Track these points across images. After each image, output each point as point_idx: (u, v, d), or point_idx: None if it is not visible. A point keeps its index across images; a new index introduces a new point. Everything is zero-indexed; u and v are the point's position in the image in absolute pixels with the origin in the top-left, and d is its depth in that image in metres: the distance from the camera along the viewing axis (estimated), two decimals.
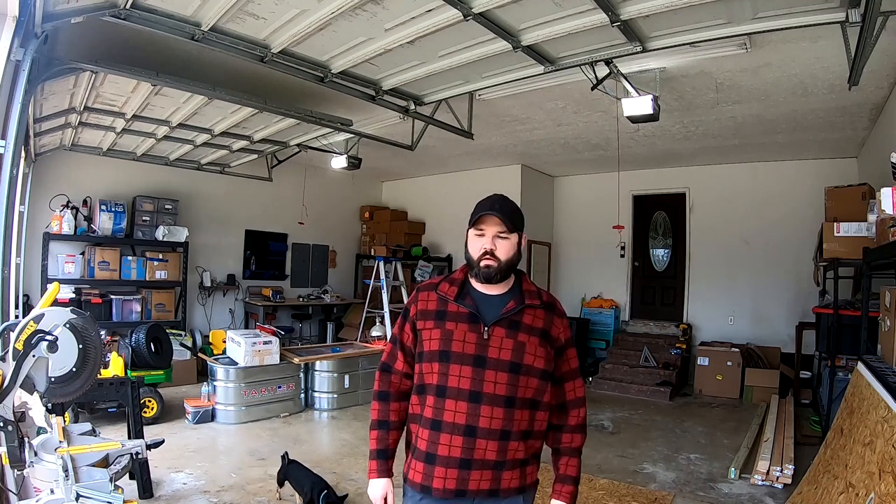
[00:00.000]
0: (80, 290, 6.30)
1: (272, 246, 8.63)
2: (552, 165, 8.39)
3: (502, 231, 1.55)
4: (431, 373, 1.52)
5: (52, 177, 6.29)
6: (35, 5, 2.78)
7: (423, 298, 1.63)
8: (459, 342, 1.51)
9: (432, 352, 1.53)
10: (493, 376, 1.49)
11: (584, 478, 4.00)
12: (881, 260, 3.44)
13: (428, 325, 1.57)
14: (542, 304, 1.60)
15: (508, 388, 1.49)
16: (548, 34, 3.42)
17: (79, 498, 1.90)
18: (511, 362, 1.50)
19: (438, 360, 1.51)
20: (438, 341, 1.53)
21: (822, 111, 5.17)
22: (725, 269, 7.61)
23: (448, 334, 1.52)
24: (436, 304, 1.59)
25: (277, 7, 3.18)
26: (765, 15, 3.11)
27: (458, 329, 1.52)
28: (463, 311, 1.55)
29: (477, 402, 1.48)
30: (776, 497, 3.75)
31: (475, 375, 1.49)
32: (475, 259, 1.56)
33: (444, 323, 1.54)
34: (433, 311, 1.58)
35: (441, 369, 1.50)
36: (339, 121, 5.42)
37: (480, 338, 1.51)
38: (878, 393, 2.77)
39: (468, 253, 1.59)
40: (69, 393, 2.01)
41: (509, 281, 1.62)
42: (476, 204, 1.59)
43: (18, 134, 2.97)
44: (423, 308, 1.60)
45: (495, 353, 1.50)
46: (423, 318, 1.59)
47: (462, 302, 1.56)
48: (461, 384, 1.49)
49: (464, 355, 1.50)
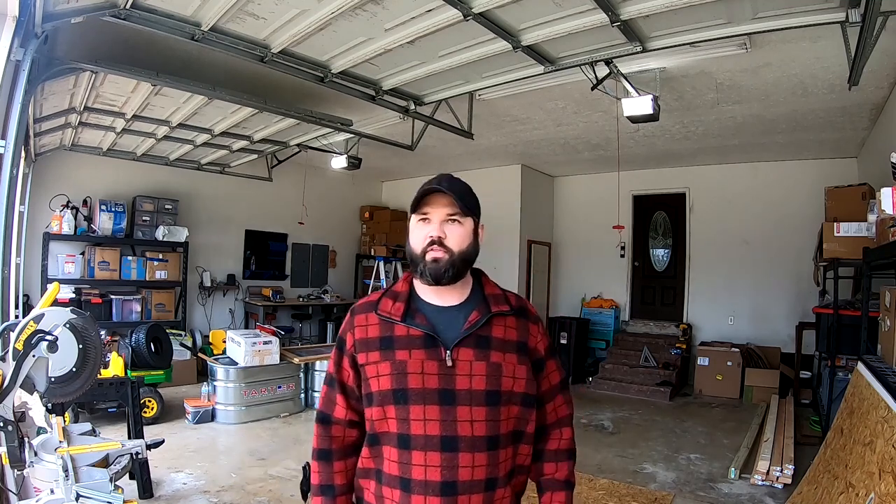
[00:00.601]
0: (80, 290, 6.30)
1: (272, 246, 8.63)
2: (552, 165, 8.39)
3: (453, 213, 1.22)
4: (386, 419, 1.17)
5: (52, 177, 6.29)
6: (35, 5, 2.78)
7: (361, 323, 1.25)
8: (417, 375, 1.16)
9: (383, 392, 1.17)
10: (467, 413, 1.15)
11: (584, 478, 4.03)
12: (881, 260, 3.44)
13: (372, 358, 1.20)
14: (513, 310, 1.27)
15: (489, 426, 1.16)
16: (548, 34, 3.42)
17: (79, 498, 1.90)
18: (487, 391, 1.17)
19: (394, 403, 1.16)
20: (389, 378, 1.17)
21: (822, 111, 5.17)
22: (725, 269, 7.61)
23: (400, 367, 1.17)
24: (378, 328, 1.23)
25: (277, 7, 3.18)
26: (765, 15, 3.12)
27: (413, 358, 1.17)
28: (415, 333, 1.19)
29: (453, 451, 1.14)
30: (776, 497, 3.75)
31: (444, 416, 1.14)
32: (419, 252, 1.22)
33: (392, 353, 1.19)
34: (376, 338, 1.22)
35: (399, 413, 1.15)
36: (339, 121, 5.42)
37: (443, 366, 1.17)
38: (878, 393, 2.77)
39: (410, 247, 1.25)
40: (69, 393, 2.01)
41: (466, 283, 1.28)
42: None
43: (18, 134, 2.97)
44: (363, 336, 1.23)
45: (465, 382, 1.16)
46: (365, 348, 1.22)
47: (412, 321, 1.20)
48: (428, 430, 1.14)
49: (425, 392, 1.15)
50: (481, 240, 1.30)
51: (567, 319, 7.97)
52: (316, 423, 1.32)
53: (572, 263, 9.04)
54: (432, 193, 1.22)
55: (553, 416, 1.37)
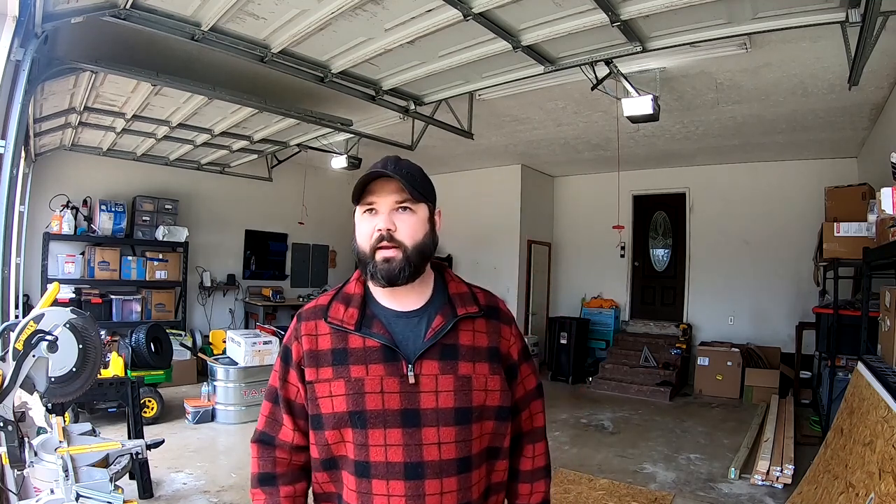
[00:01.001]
0: (80, 290, 6.30)
1: (272, 246, 8.63)
2: (552, 165, 8.39)
3: (402, 201, 1.05)
4: (341, 442, 1.03)
5: (52, 177, 6.29)
6: (35, 5, 2.78)
7: (310, 332, 1.08)
8: (376, 395, 1.01)
9: (338, 415, 1.02)
10: (434, 435, 1.01)
11: (584, 478, 4.03)
12: (881, 260, 3.44)
13: (323, 375, 1.04)
14: (482, 311, 1.12)
15: (459, 447, 1.03)
16: (548, 34, 3.42)
17: (79, 498, 1.90)
18: (456, 409, 1.03)
19: (350, 426, 1.01)
20: (345, 398, 1.01)
21: (822, 111, 5.17)
22: (725, 269, 7.61)
23: (357, 386, 1.02)
24: (329, 339, 1.06)
25: (277, 7, 3.18)
26: (765, 15, 3.12)
27: (371, 375, 1.02)
28: (372, 344, 1.04)
29: (418, 478, 1.00)
30: (776, 497, 3.75)
31: (408, 440, 1.01)
32: (367, 250, 1.05)
33: (346, 369, 1.03)
34: (327, 351, 1.05)
35: (357, 438, 1.01)
36: (339, 121, 5.42)
37: (405, 382, 1.02)
38: (878, 393, 2.77)
39: (357, 245, 1.08)
40: (69, 393, 2.01)
41: (427, 281, 1.12)
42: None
43: (18, 134, 2.97)
44: (311, 348, 1.06)
45: (431, 400, 1.02)
46: (314, 362, 1.05)
47: (368, 331, 1.05)
48: (389, 456, 1.00)
49: (386, 414, 1.01)
50: (439, 228, 1.13)
51: (567, 319, 7.97)
52: (254, 443, 1.12)
53: (572, 263, 9.04)
54: (376, 179, 1.05)
55: (528, 424, 1.21)
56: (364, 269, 1.07)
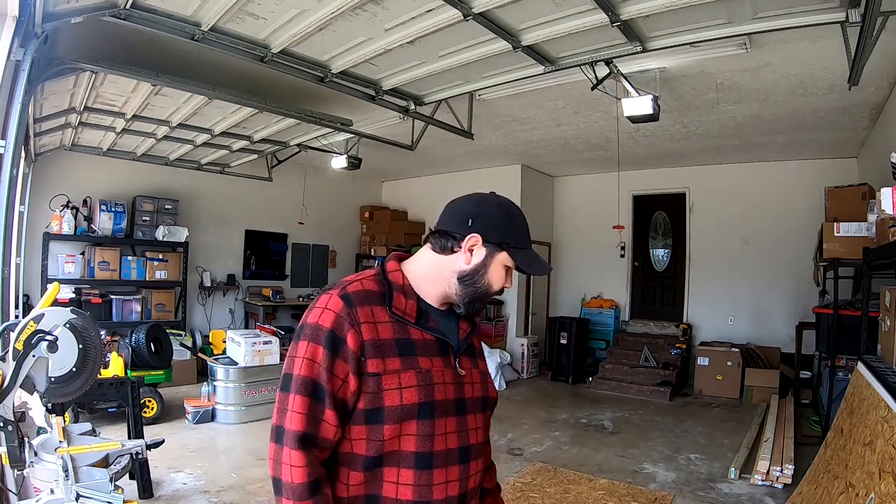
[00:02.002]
0: (80, 290, 6.29)
1: (272, 246, 8.63)
2: (552, 165, 8.40)
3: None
4: (400, 436, 1.02)
5: (52, 177, 6.29)
6: (35, 5, 2.78)
7: (367, 319, 1.03)
8: (441, 386, 1.07)
9: (406, 407, 1.01)
10: (473, 422, 1.13)
11: (584, 478, 4.04)
12: (881, 260, 3.44)
13: (391, 366, 1.02)
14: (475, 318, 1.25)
15: (484, 431, 1.17)
16: (548, 34, 3.43)
17: (79, 498, 1.90)
18: (482, 398, 1.17)
19: (417, 418, 1.02)
20: (416, 390, 1.02)
21: (822, 111, 5.17)
22: (725, 269, 7.61)
23: (427, 377, 1.05)
24: (391, 329, 1.05)
25: (277, 7, 3.18)
26: (765, 15, 3.12)
27: (436, 367, 1.08)
28: (429, 337, 1.09)
29: (467, 462, 1.09)
30: (776, 497, 3.75)
31: (460, 427, 1.09)
32: (491, 294, 1.14)
33: (415, 359, 1.05)
34: (390, 340, 1.04)
35: (422, 430, 1.02)
36: (339, 121, 5.42)
37: (456, 374, 1.11)
38: (878, 393, 2.77)
39: (490, 285, 1.12)
40: (69, 393, 2.01)
41: None
42: (514, 216, 1.15)
43: (18, 134, 2.97)
44: (374, 337, 1.03)
45: (470, 391, 1.13)
46: (378, 353, 1.02)
47: (426, 324, 1.10)
48: (449, 444, 1.06)
49: (447, 403, 1.07)
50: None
51: (567, 319, 7.97)
52: (294, 449, 0.97)
53: (572, 263, 9.04)
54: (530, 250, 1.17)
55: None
56: (475, 301, 1.13)
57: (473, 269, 1.10)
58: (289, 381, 1.01)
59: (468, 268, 1.10)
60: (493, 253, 1.11)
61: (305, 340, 1.01)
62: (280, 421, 1.00)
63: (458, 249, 1.10)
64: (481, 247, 1.10)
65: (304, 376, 1.00)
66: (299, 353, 1.01)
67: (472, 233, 1.09)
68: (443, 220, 1.14)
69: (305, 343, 1.01)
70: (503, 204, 1.15)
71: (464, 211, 1.12)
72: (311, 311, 1.05)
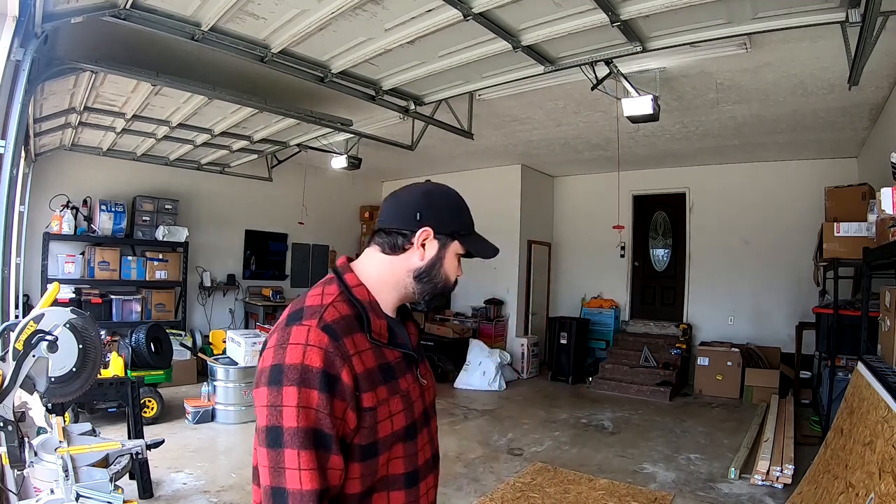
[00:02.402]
0: (80, 290, 6.30)
1: (272, 246, 8.64)
2: (552, 165, 8.39)
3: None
4: (389, 461, 0.98)
5: (52, 177, 6.29)
6: (35, 5, 2.78)
7: (354, 350, 0.94)
8: (416, 402, 1.06)
9: (396, 433, 0.98)
10: (435, 425, 1.14)
11: (584, 478, 4.04)
12: (881, 260, 3.44)
13: (381, 396, 0.96)
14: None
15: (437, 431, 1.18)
16: (548, 34, 3.43)
17: (79, 498, 1.91)
18: (435, 399, 1.18)
19: (404, 441, 1.00)
20: (403, 414, 1.00)
21: (822, 111, 5.17)
22: (725, 269, 7.61)
23: (408, 398, 1.02)
24: (372, 355, 0.98)
25: (277, 7, 3.18)
26: (765, 15, 3.12)
27: (410, 384, 1.05)
28: (398, 355, 1.04)
29: (437, 466, 1.12)
30: (776, 497, 3.75)
31: (430, 436, 1.10)
32: (449, 285, 1.10)
33: (397, 383, 1.00)
34: (375, 368, 0.97)
35: (409, 450, 1.01)
36: (339, 121, 5.42)
37: (420, 385, 1.09)
38: (878, 393, 2.77)
39: (447, 278, 1.09)
40: (69, 393, 2.01)
41: None
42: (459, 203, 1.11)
43: (18, 134, 2.97)
44: (363, 369, 0.94)
45: (430, 395, 1.13)
46: (370, 385, 0.95)
47: (396, 342, 1.05)
48: (426, 454, 1.07)
49: (421, 416, 1.07)
50: None
51: (567, 319, 7.97)
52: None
53: (572, 263, 9.04)
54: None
55: None
56: (435, 296, 1.09)
57: (429, 264, 1.06)
58: (279, 436, 0.86)
59: (423, 264, 1.05)
60: (446, 244, 1.07)
61: (293, 386, 0.87)
62: (278, 482, 0.86)
63: (409, 247, 1.04)
64: (433, 240, 1.05)
65: (304, 427, 0.86)
66: (287, 401, 0.86)
67: (422, 227, 1.04)
68: (387, 217, 1.07)
69: (294, 389, 0.87)
70: (447, 192, 1.10)
71: (410, 205, 1.06)
72: (287, 349, 0.90)
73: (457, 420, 5.74)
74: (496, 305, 8.29)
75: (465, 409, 6.21)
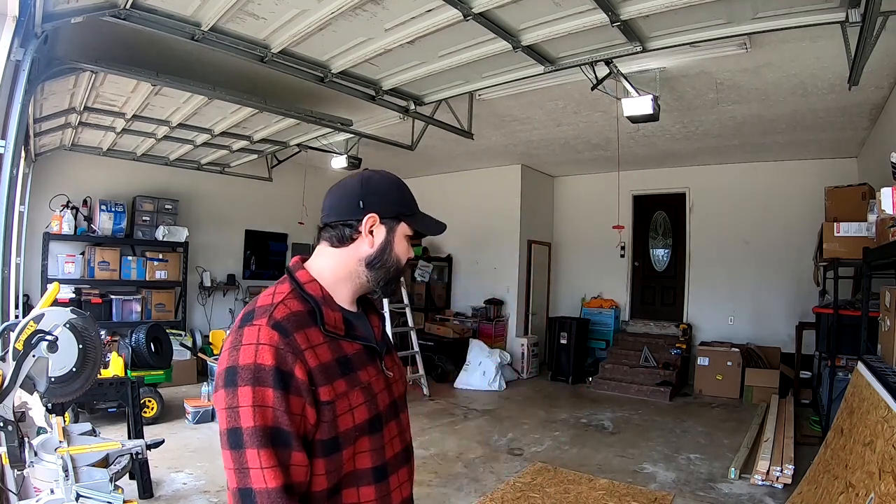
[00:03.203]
0: (80, 290, 6.30)
1: (272, 246, 8.64)
2: (552, 165, 8.39)
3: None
4: (355, 456, 0.98)
5: (52, 177, 6.29)
6: (35, 5, 2.78)
7: (306, 344, 0.94)
8: (381, 394, 1.04)
9: (358, 426, 0.97)
10: (405, 418, 1.14)
11: (584, 478, 4.03)
12: (881, 260, 3.44)
13: (340, 389, 0.95)
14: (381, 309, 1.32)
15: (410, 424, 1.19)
16: (548, 34, 3.43)
17: (79, 498, 1.91)
18: (404, 391, 1.17)
19: (369, 434, 0.99)
20: (365, 407, 0.99)
21: (822, 111, 5.17)
22: (725, 269, 7.61)
23: (370, 391, 1.01)
24: (328, 349, 0.97)
25: (277, 7, 3.18)
26: (765, 15, 3.12)
27: (372, 377, 1.04)
28: (357, 347, 1.03)
29: (409, 460, 1.12)
30: (776, 497, 3.75)
31: (399, 429, 1.10)
32: (401, 268, 1.11)
33: (356, 376, 1.00)
34: (331, 362, 0.96)
35: (374, 444, 1.00)
36: (339, 121, 5.42)
37: (386, 378, 1.08)
38: (878, 393, 2.76)
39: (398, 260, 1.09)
40: (69, 393, 2.01)
41: None
42: (401, 186, 1.12)
43: (18, 134, 2.97)
44: (318, 362, 0.94)
45: (398, 388, 1.13)
46: (326, 378, 0.94)
47: (354, 334, 1.04)
48: (395, 448, 1.06)
49: (388, 409, 1.06)
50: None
51: (567, 319, 7.97)
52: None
53: (572, 263, 9.04)
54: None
55: None
56: (389, 281, 1.09)
57: (379, 249, 1.06)
58: (239, 437, 0.86)
59: (373, 251, 1.06)
60: (393, 227, 1.07)
61: (247, 386, 0.87)
62: (244, 483, 0.86)
63: (357, 236, 1.06)
64: (380, 225, 1.06)
65: (261, 426, 0.86)
66: (242, 401, 0.87)
67: (367, 214, 1.05)
68: (330, 211, 1.10)
69: (249, 389, 0.87)
70: (385, 176, 1.11)
71: (351, 195, 1.08)
72: (239, 349, 0.90)
73: (457, 420, 5.74)
74: (496, 305, 8.29)
75: (465, 409, 6.21)
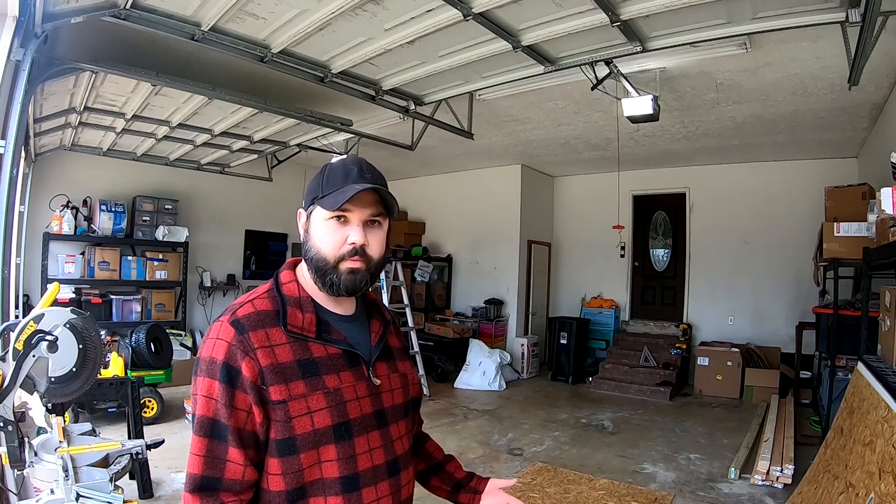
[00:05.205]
0: (80, 290, 6.30)
1: (272, 246, 8.64)
2: (552, 165, 8.39)
3: (377, 215, 1.02)
4: (318, 464, 0.95)
5: (52, 177, 6.29)
6: (35, 5, 2.78)
7: (262, 343, 0.94)
8: (354, 402, 0.99)
9: (319, 432, 0.94)
10: (396, 430, 1.07)
11: (584, 478, 4.04)
12: (881, 260, 3.44)
13: (296, 391, 0.94)
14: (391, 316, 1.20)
15: (409, 437, 1.12)
16: (548, 34, 3.42)
17: (79, 498, 1.90)
18: (404, 404, 1.11)
19: (335, 441, 0.96)
20: (328, 412, 0.95)
21: (822, 111, 5.17)
22: (725, 269, 7.62)
23: (336, 396, 0.97)
24: (290, 350, 0.96)
25: (277, 7, 3.18)
26: (765, 15, 3.12)
27: (345, 383, 0.99)
28: (334, 351, 1.00)
29: (397, 474, 1.05)
30: (776, 497, 3.75)
31: (384, 440, 1.03)
32: (332, 260, 0.99)
33: (320, 379, 0.96)
34: (291, 363, 0.95)
35: (342, 452, 0.96)
36: (339, 121, 5.42)
37: (371, 385, 1.03)
38: (878, 393, 2.76)
39: (318, 251, 1.00)
40: (69, 393, 2.01)
41: None
42: (326, 169, 1.03)
43: (18, 134, 2.97)
44: (272, 362, 0.94)
45: (389, 399, 1.07)
46: (280, 378, 0.93)
47: (329, 337, 1.01)
48: (375, 460, 1.01)
49: (365, 419, 1.01)
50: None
51: (567, 319, 7.97)
52: (192, 494, 0.91)
53: (572, 263, 9.05)
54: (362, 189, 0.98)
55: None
56: (321, 276, 1.00)
57: (302, 241, 1.03)
58: (193, 422, 0.95)
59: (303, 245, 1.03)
60: (311, 213, 1.02)
61: (202, 376, 0.94)
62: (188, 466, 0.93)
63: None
64: (305, 217, 1.04)
65: (202, 416, 0.93)
66: (198, 390, 0.95)
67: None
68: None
69: (202, 379, 0.94)
70: (329, 165, 1.04)
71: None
72: (205, 342, 0.97)
73: (457, 420, 5.74)
74: (496, 305, 8.29)
75: (465, 409, 6.21)
